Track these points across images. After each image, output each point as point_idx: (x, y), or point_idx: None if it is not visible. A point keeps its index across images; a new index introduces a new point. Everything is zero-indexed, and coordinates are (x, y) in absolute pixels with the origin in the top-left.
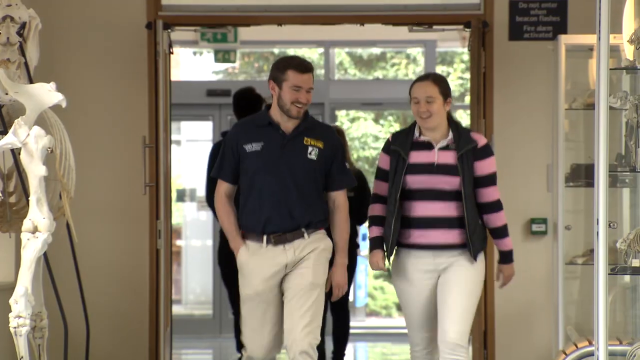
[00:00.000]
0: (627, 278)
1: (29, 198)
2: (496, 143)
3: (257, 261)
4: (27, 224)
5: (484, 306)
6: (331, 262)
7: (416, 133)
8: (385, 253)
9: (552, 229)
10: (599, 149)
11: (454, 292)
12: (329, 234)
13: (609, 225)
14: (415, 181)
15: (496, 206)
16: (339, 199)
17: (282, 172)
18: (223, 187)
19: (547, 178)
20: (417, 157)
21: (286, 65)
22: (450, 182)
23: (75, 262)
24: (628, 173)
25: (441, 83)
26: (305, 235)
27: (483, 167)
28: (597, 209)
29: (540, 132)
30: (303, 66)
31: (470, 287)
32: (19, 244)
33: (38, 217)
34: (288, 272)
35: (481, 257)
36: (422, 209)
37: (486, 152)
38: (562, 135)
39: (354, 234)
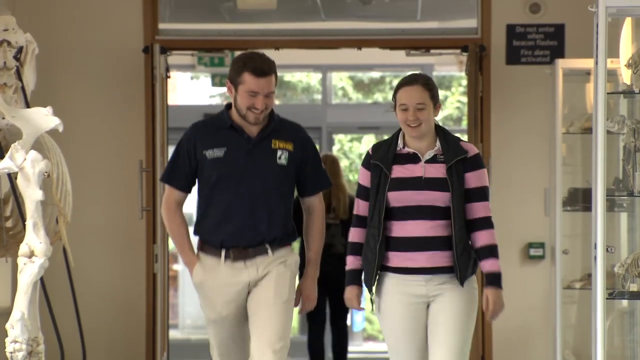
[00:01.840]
0: (625, 303)
1: (26, 222)
2: (493, 167)
3: (216, 281)
4: (23, 249)
5: (482, 330)
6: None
7: (400, 144)
8: (367, 285)
9: (549, 253)
10: (596, 173)
11: (445, 329)
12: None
13: (607, 249)
14: (399, 198)
15: (485, 223)
16: (315, 204)
17: (248, 181)
18: (174, 195)
19: (544, 202)
20: (401, 171)
21: (242, 67)
22: (441, 198)
23: (72, 287)
24: (626, 197)
25: (431, 87)
26: (269, 252)
27: (473, 179)
28: (594, 234)
29: (537, 156)
30: (260, 70)
31: (463, 321)
32: (16, 268)
33: (34, 241)
34: (251, 289)
35: (472, 282)
36: (409, 228)
37: (477, 163)
38: (559, 159)
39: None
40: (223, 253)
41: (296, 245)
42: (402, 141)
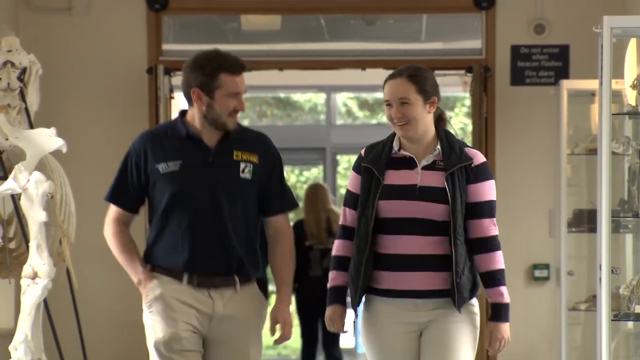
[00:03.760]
0: (630, 324)
1: (29, 244)
2: (498, 188)
3: (178, 295)
4: (27, 270)
5: (486, 352)
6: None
7: (395, 146)
8: (352, 307)
9: (554, 275)
10: (601, 195)
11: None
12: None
13: (612, 271)
14: (390, 208)
15: (491, 244)
16: (280, 224)
17: (208, 197)
18: (119, 216)
19: (549, 223)
20: (395, 177)
21: (216, 68)
22: (436, 211)
23: (75, 309)
24: (631, 218)
25: (419, 79)
26: (238, 286)
27: (478, 192)
28: (599, 255)
29: (542, 177)
30: (238, 66)
31: (458, 352)
32: (19, 290)
33: (38, 263)
34: (213, 334)
35: (472, 307)
36: (400, 244)
37: (483, 173)
38: (564, 181)
39: None
40: (186, 277)
41: None
42: (397, 143)
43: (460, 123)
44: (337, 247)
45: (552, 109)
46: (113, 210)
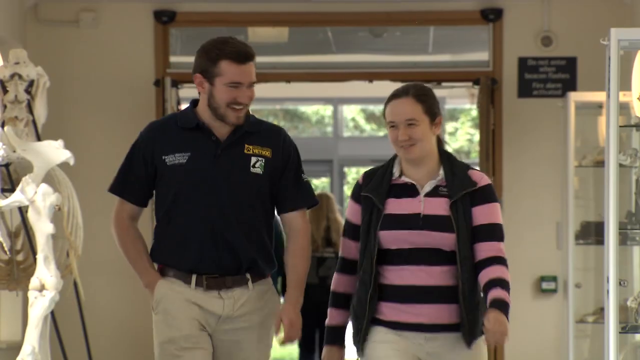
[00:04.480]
0: (638, 337)
1: (36, 256)
2: (505, 200)
3: (182, 295)
4: (34, 282)
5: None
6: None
7: (395, 172)
8: (354, 343)
9: (562, 287)
10: (609, 207)
11: None
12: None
13: (620, 283)
14: (393, 239)
15: (497, 260)
16: (297, 221)
17: (216, 191)
18: (126, 209)
19: (556, 235)
20: (397, 205)
21: (218, 54)
22: (443, 240)
23: (83, 320)
24: (638, 231)
25: (426, 99)
26: (250, 284)
27: (481, 214)
28: (607, 267)
29: (549, 189)
30: (242, 54)
31: None
32: (26, 302)
33: (45, 275)
34: (220, 335)
35: (481, 343)
36: (405, 275)
37: (487, 195)
38: (571, 193)
39: None
40: (194, 279)
41: None
42: (398, 168)
43: (466, 134)
44: (336, 281)
45: (560, 121)
46: (119, 204)
